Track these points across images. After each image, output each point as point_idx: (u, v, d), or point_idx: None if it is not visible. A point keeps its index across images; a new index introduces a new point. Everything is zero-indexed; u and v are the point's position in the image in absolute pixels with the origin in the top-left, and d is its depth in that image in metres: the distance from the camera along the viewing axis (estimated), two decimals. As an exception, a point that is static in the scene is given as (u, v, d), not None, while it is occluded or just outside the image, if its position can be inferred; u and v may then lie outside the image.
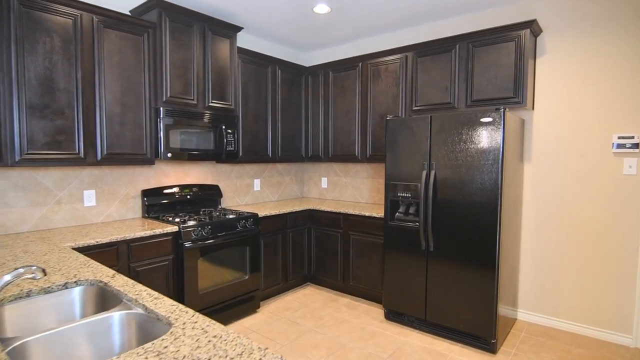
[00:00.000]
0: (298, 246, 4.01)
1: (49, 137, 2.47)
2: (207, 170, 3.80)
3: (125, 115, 2.83)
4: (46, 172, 2.74)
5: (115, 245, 2.54)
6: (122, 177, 3.16)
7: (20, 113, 2.34)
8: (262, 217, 3.57)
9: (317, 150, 4.37)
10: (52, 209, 2.78)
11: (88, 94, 2.64)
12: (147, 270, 2.71)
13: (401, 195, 3.20)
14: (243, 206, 4.06)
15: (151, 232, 2.70)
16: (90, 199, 2.96)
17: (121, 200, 3.15)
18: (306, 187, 4.95)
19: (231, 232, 3.23)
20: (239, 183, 4.14)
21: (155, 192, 3.29)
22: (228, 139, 3.48)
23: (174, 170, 3.52)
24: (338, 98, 4.15)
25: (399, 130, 3.20)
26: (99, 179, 3.01)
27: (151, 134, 3.00)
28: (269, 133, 4.03)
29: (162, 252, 2.79)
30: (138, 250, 2.65)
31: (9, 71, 2.29)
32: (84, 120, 2.62)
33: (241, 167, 4.15)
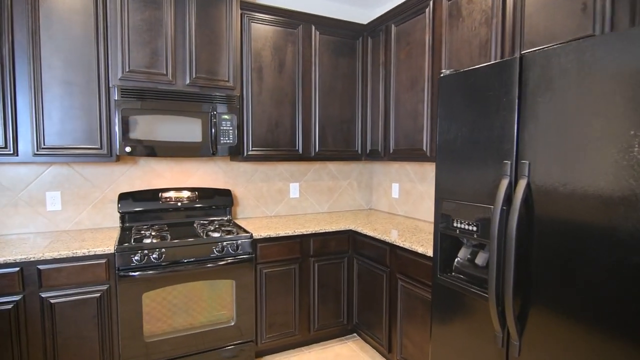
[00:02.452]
0: (330, 282, 2.78)
1: (-36, 127, 2.03)
2: (216, 169, 2.97)
3: (70, 99, 2.22)
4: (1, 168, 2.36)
5: (18, 267, 1.92)
6: (96, 176, 2.60)
7: None
8: (259, 239, 2.51)
9: (377, 144, 3.01)
10: (7, 212, 2.40)
11: (19, 70, 2.11)
12: (68, 303, 2.02)
13: (461, 228, 1.65)
14: (270, 219, 3.07)
15: (70, 252, 2.00)
16: (54, 202, 2.49)
17: (95, 205, 2.60)
18: (375, 196, 3.61)
19: (205, 259, 2.29)
20: (266, 188, 3.17)
21: (136, 196, 2.63)
22: (223, 127, 2.55)
23: (170, 170, 2.81)
24: (402, 63, 2.71)
25: (457, 96, 1.65)
26: (65, 179, 2.52)
27: (108, 122, 2.32)
28: (297, 120, 2.91)
29: (90, 280, 2.06)
30: (54, 274, 1.98)
31: None
32: (11, 104, 2.10)
33: (271, 166, 3.17)
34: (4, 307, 1.90)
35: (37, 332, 1.97)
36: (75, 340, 2.04)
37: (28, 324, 1.96)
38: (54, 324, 2.00)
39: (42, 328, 1.98)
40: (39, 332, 1.97)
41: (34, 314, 1.96)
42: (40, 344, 1.98)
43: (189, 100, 2.44)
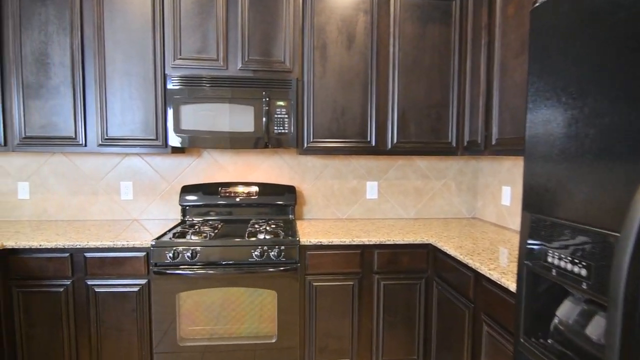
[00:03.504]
0: (400, 307, 2.20)
1: (45, 120, 2.21)
2: (281, 163, 2.70)
3: (129, 90, 2.24)
4: (85, 158, 2.56)
5: (68, 253, 1.99)
6: (164, 168, 2.61)
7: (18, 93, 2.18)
8: (308, 246, 2.11)
9: (477, 133, 2.28)
10: (88, 200, 2.59)
11: (87, 64, 2.22)
12: (110, 294, 2.01)
13: (559, 266, 0.94)
14: (340, 222, 2.65)
15: (111, 243, 1.98)
16: (127, 191, 2.59)
17: (163, 196, 2.63)
18: (481, 202, 2.81)
19: (242, 263, 2.03)
20: (337, 186, 2.75)
21: (196, 189, 2.55)
22: (278, 115, 2.25)
23: (233, 163, 2.66)
24: (510, 21, 1.94)
25: (554, 38, 0.95)
26: (137, 170, 2.60)
27: (163, 113, 2.27)
28: (370, 105, 2.41)
29: (130, 272, 2.02)
30: (97, 263, 2.00)
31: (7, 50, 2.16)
32: (81, 98, 2.22)
33: (345, 162, 2.74)
34: (56, 290, 1.99)
35: (84, 318, 2.02)
36: (116, 331, 2.03)
37: (76, 309, 2.01)
38: (98, 312, 2.02)
39: (88, 315, 2.02)
40: (85, 318, 2.02)
41: (81, 301, 2.01)
42: (87, 330, 2.02)
43: (240, 86, 2.22)
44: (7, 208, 2.52)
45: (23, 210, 2.54)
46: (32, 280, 1.98)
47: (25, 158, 2.51)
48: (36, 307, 1.99)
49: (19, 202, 2.53)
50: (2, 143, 2.20)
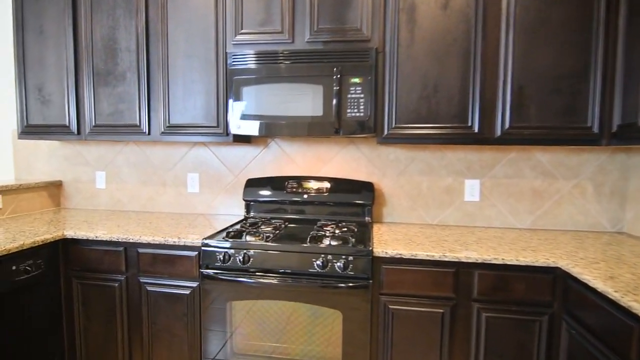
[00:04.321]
0: (509, 351, 1.60)
1: (113, 107, 2.15)
2: (358, 155, 2.27)
3: (190, 73, 2.05)
4: (154, 148, 2.48)
5: (122, 247, 1.86)
6: (229, 159, 2.40)
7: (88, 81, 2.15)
8: (384, 258, 1.65)
9: (635, 113, 1.57)
10: (157, 190, 2.50)
11: (152, 47, 2.09)
12: (161, 295, 1.83)
13: None
14: (429, 228, 2.14)
15: (163, 239, 1.80)
16: (193, 183, 2.44)
17: (228, 190, 2.41)
18: (631, 212, 2.02)
19: (301, 273, 1.67)
20: (427, 184, 2.23)
21: (261, 183, 2.28)
22: (351, 95, 1.84)
23: (302, 155, 2.33)
24: None
25: None
26: (203, 161, 2.43)
27: (224, 97, 2.03)
28: (472, 79, 1.84)
29: (181, 273, 1.81)
30: (149, 260, 1.83)
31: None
32: (147, 84, 2.10)
33: (437, 153, 2.20)
34: (111, 284, 1.88)
35: (137, 317, 1.87)
36: (167, 334, 1.84)
37: (130, 306, 1.88)
38: (150, 313, 1.85)
39: (140, 314, 1.87)
40: (138, 317, 1.87)
41: (134, 298, 1.87)
42: (139, 329, 1.87)
43: (308, 61, 1.86)
44: (87, 197, 2.57)
45: (100, 199, 2.56)
46: (90, 273, 1.90)
47: (102, 148, 2.53)
48: (93, 301, 1.90)
49: (97, 191, 2.56)
50: (76, 132, 2.19)
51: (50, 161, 2.59)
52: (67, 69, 2.16)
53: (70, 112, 2.18)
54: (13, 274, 1.63)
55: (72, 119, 2.18)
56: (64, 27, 2.14)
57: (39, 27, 2.17)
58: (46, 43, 2.17)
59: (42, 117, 2.22)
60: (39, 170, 2.62)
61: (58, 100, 2.19)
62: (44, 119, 2.22)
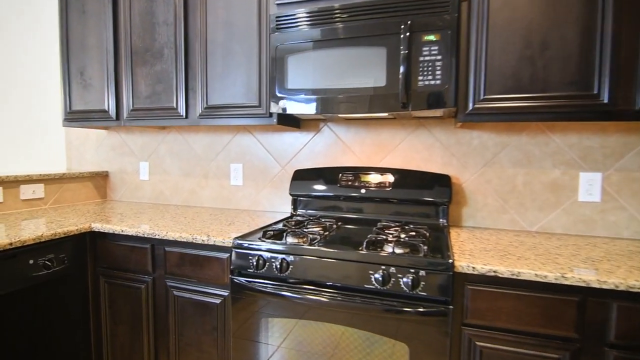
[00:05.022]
0: None
1: (150, 89, 1.94)
2: (431, 142, 1.81)
3: (230, 43, 1.76)
4: (196, 135, 2.25)
5: (149, 243, 1.62)
6: (275, 147, 2.08)
7: (126, 62, 1.97)
8: (469, 276, 1.18)
9: None
10: (199, 183, 2.27)
11: (191, 16, 1.84)
12: (189, 302, 1.55)
13: None
14: (529, 237, 1.61)
15: (190, 237, 1.51)
16: (236, 175, 2.16)
17: (273, 183, 2.10)
18: None
19: (355, 289, 1.27)
20: (523, 178, 1.69)
21: (310, 175, 1.92)
22: (424, 57, 1.41)
23: (360, 142, 1.92)
24: None
25: None
26: (247, 149, 2.13)
27: (267, 71, 1.71)
28: (599, 31, 1.30)
29: (210, 278, 1.52)
30: (176, 260, 1.56)
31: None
32: (184, 61, 1.86)
33: (537, 137, 1.67)
34: (137, 285, 1.65)
35: (163, 325, 1.61)
36: (195, 350, 1.56)
37: (156, 312, 1.63)
38: (177, 322, 1.58)
39: (167, 322, 1.60)
40: (164, 326, 1.61)
41: (161, 303, 1.61)
42: (166, 340, 1.61)
43: (367, 15, 1.46)
44: (131, 188, 2.43)
45: (144, 191, 2.40)
46: (116, 271, 1.69)
47: (145, 136, 2.36)
48: (119, 302, 1.69)
49: (141, 183, 2.40)
50: (115, 117, 2.02)
51: (98, 151, 2.50)
52: (107, 50, 2.00)
53: (109, 96, 2.02)
54: (30, 268, 1.45)
55: (111, 103, 2.02)
56: (104, 4, 1.99)
57: (81, 7, 2.05)
58: (87, 23, 2.04)
59: (83, 103, 2.09)
60: (88, 160, 2.54)
61: (98, 83, 2.04)
62: (85, 104, 2.09)
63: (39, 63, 2.61)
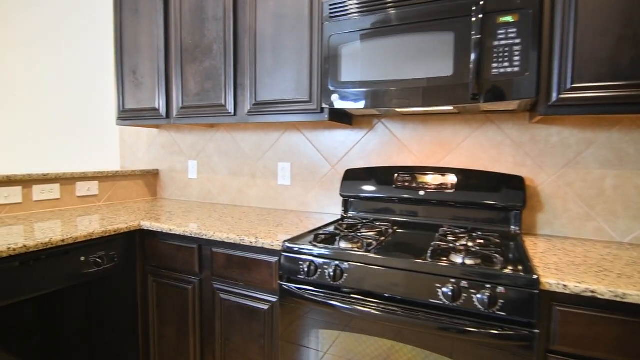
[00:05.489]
0: None
1: (199, 86, 1.91)
2: (499, 140, 1.62)
3: (279, 37, 1.68)
4: (244, 134, 2.19)
5: (196, 243, 1.57)
6: (325, 145, 1.97)
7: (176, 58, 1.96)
8: (558, 295, 0.99)
9: None
10: (247, 182, 2.21)
11: (240, 16, 1.78)
12: (236, 306, 1.48)
13: None
14: (623, 250, 1.38)
15: (238, 238, 1.44)
16: (284, 174, 2.08)
17: (323, 183, 1.99)
18: None
19: (419, 303, 1.12)
20: (613, 181, 1.45)
21: (362, 175, 1.79)
22: (499, 42, 1.23)
23: (418, 140, 1.77)
24: None
25: None
26: (295, 148, 2.05)
27: (319, 64, 1.61)
28: None
29: (258, 282, 1.43)
30: (224, 262, 1.50)
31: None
32: (233, 56, 1.80)
33: (632, 132, 1.42)
34: (184, 286, 1.60)
35: (210, 329, 1.56)
36: (241, 357, 1.48)
37: (203, 315, 1.58)
38: (223, 326, 1.52)
39: (213, 326, 1.55)
40: (211, 330, 1.55)
41: (208, 306, 1.56)
42: (212, 344, 1.56)
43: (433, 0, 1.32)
44: (180, 187, 2.43)
45: (192, 189, 2.39)
46: (164, 270, 1.66)
47: (194, 135, 2.35)
48: (167, 303, 1.66)
49: (189, 182, 2.39)
50: (165, 115, 2.02)
51: (149, 150, 2.53)
52: (158, 48, 2.00)
53: (160, 94, 2.01)
54: (82, 265, 1.45)
55: (162, 101, 2.01)
56: (155, 2, 1.99)
57: (134, 5, 2.06)
58: (140, 22, 2.05)
59: (135, 101, 2.11)
60: (140, 159, 2.58)
61: (149, 82, 2.05)
62: (137, 103, 2.11)
63: (94, 63, 2.70)
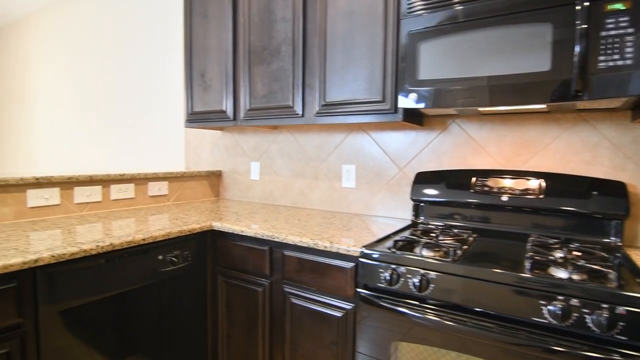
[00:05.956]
0: None
1: (267, 88, 1.91)
2: (595, 140, 1.46)
3: (351, 36, 1.63)
4: (308, 135, 2.17)
5: (267, 245, 1.56)
6: (393, 147, 1.90)
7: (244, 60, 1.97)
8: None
9: None
10: (309, 184, 2.18)
11: (310, 16, 1.76)
12: (307, 311, 1.45)
13: None
14: None
15: (312, 242, 1.40)
16: (349, 177, 2.03)
17: (390, 186, 1.92)
18: None
19: (518, 320, 1.02)
20: None
21: (435, 178, 1.70)
22: (609, 32, 1.10)
23: (499, 141, 1.64)
24: None
25: None
26: (360, 149, 1.99)
27: (394, 63, 1.54)
28: None
29: (332, 288, 1.39)
30: (296, 266, 1.47)
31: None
32: (302, 56, 1.79)
33: None
34: (254, 288, 1.60)
35: (279, 333, 1.54)
36: (312, 366, 1.45)
37: (272, 318, 1.56)
38: (293, 331, 1.50)
39: (283, 330, 1.52)
40: (280, 333, 1.54)
41: (278, 309, 1.54)
42: (281, 348, 1.54)
43: (526, -11, 1.21)
44: (242, 188, 2.46)
45: (254, 191, 2.41)
46: (234, 271, 1.67)
47: (257, 137, 2.37)
48: (236, 303, 1.66)
49: (251, 183, 2.41)
50: (232, 117, 2.04)
51: (213, 152, 2.59)
52: (226, 51, 2.03)
53: (227, 96, 2.04)
54: (159, 264, 1.49)
55: (229, 104, 2.04)
56: (224, 6, 2.02)
57: (204, 10, 2.11)
58: (209, 26, 2.10)
59: (203, 104, 2.16)
60: (204, 160, 2.65)
61: (217, 84, 2.09)
62: (204, 105, 2.15)
63: (162, 66, 2.81)
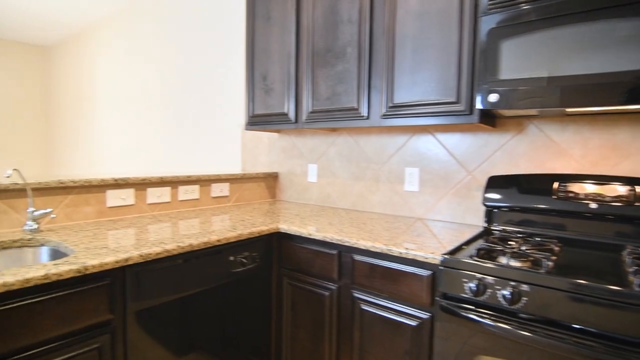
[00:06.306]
0: None
1: (330, 90, 1.90)
2: (703, 143, 1.31)
3: (421, 36, 1.58)
4: (368, 138, 2.14)
5: (336, 250, 1.54)
6: (461, 149, 1.82)
7: (307, 61, 1.98)
8: None
9: None
10: (369, 187, 2.15)
11: (377, 17, 1.73)
12: (378, 318, 1.42)
13: None
14: None
15: (385, 248, 1.37)
16: (412, 180, 1.98)
17: (458, 191, 1.84)
18: None
19: (624, 344, 0.93)
20: None
21: (512, 183, 1.60)
22: None
23: (583, 144, 1.53)
24: None
25: None
26: (425, 152, 1.93)
27: (470, 62, 1.48)
28: None
29: (406, 296, 1.35)
30: (366, 271, 1.45)
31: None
32: (368, 57, 1.76)
33: None
34: (321, 292, 1.59)
35: (347, 338, 1.52)
36: (383, 375, 1.41)
37: (340, 322, 1.54)
38: (362, 337, 1.47)
39: (351, 335, 1.50)
40: (348, 338, 1.51)
41: (345, 314, 1.52)
42: (348, 353, 1.51)
43: (630, -22, 1.11)
44: (299, 190, 2.47)
45: (311, 193, 2.41)
46: (300, 274, 1.67)
47: (315, 139, 2.37)
48: (301, 306, 1.66)
49: (308, 185, 2.42)
50: (294, 119, 2.05)
51: (270, 154, 2.62)
52: (288, 54, 2.05)
53: (289, 99, 2.06)
54: (230, 265, 1.52)
55: (291, 106, 2.05)
56: (288, 9, 2.03)
57: (267, 13, 2.14)
58: (272, 29, 2.12)
59: (264, 107, 2.19)
60: (260, 162, 2.69)
61: (279, 87, 2.11)
62: (266, 108, 2.18)
63: (223, 69, 2.89)
